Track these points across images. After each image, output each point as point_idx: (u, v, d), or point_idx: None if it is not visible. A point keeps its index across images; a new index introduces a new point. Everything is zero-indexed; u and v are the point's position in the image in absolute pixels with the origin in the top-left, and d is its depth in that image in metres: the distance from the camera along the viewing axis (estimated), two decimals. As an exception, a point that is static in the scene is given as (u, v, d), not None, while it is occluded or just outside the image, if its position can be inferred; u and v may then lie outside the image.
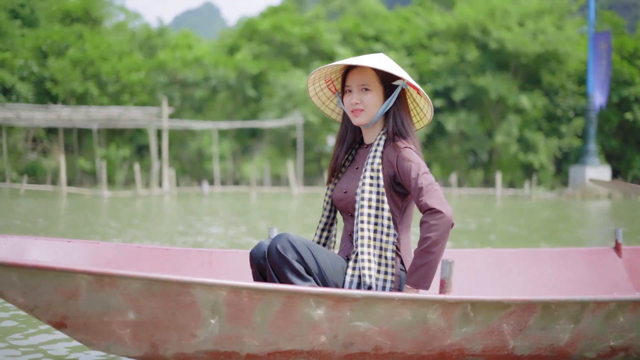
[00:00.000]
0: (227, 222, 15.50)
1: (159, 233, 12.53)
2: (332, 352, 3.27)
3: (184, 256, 4.35)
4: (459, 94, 45.44)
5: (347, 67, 3.83)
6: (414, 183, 3.56)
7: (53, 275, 2.92)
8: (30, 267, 2.87)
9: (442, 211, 3.46)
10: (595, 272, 5.06)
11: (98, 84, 43.56)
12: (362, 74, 3.74)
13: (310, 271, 3.51)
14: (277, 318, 3.13)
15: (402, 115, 3.75)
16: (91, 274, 2.93)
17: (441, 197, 3.52)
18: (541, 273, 4.96)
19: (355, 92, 3.74)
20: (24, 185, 33.44)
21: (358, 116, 3.74)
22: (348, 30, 48.33)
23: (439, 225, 3.45)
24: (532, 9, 46.02)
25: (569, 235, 13.32)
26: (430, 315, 3.27)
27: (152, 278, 2.97)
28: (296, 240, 3.53)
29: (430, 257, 3.44)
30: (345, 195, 3.80)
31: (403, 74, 3.69)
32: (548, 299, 3.41)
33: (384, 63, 3.67)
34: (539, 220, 17.80)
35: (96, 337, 3.15)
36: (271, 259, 3.51)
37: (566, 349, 3.60)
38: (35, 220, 15.44)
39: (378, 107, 3.74)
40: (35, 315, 3.08)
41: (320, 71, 3.84)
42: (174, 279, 2.97)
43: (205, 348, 3.18)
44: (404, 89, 3.78)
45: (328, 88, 4.01)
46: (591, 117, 40.09)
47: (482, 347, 3.44)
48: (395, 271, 3.60)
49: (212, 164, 43.10)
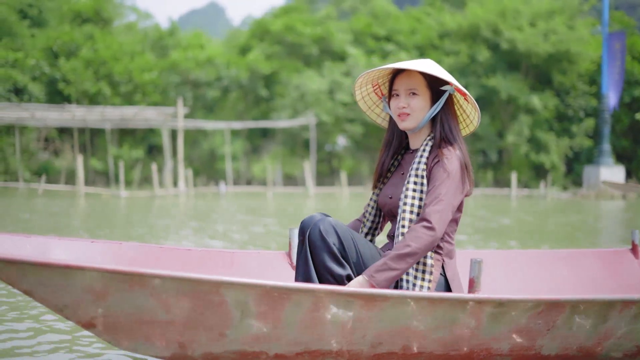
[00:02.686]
0: (280, 222, 15.45)
1: (217, 232, 12.51)
2: (360, 352, 3.27)
3: (205, 257, 4.35)
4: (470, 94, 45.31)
5: (395, 72, 3.82)
6: (432, 188, 3.58)
7: (83, 275, 2.92)
8: (62, 266, 2.88)
9: (435, 229, 3.48)
10: (611, 274, 5.02)
11: (110, 84, 43.62)
12: (410, 78, 3.74)
13: (348, 258, 3.53)
14: (306, 318, 3.13)
15: (449, 120, 3.75)
16: (122, 274, 2.93)
17: (445, 217, 3.53)
18: (557, 274, 4.94)
19: (403, 96, 3.74)
20: (42, 185, 33.52)
21: (405, 120, 3.74)
22: (359, 31, 48.26)
23: (426, 240, 3.47)
24: (543, 9, 45.85)
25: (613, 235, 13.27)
26: (460, 314, 3.27)
27: (182, 278, 2.97)
28: (339, 225, 3.55)
29: (403, 265, 3.45)
30: (391, 200, 3.80)
31: (452, 80, 3.69)
32: (577, 298, 3.40)
33: (432, 68, 3.68)
34: (576, 221, 17.65)
35: (125, 337, 3.15)
36: (311, 240, 3.53)
37: (593, 348, 3.60)
38: (65, 220, 15.47)
39: (425, 111, 3.73)
40: (64, 315, 3.08)
41: (367, 75, 3.84)
42: (205, 279, 2.98)
43: (233, 348, 3.18)
44: (451, 95, 3.78)
45: (374, 92, 4.01)
46: (605, 118, 39.91)
47: (509, 347, 3.43)
48: (434, 277, 3.59)
49: (224, 164, 43.12)
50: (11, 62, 41.34)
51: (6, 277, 2.95)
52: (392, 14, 50.61)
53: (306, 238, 3.56)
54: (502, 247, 10.31)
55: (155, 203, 25.16)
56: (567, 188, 43.79)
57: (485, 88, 44.95)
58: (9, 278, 2.95)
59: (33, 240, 3.77)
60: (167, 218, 16.66)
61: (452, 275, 3.69)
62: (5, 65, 40.91)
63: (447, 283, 3.66)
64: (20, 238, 3.71)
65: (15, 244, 3.68)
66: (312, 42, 46.52)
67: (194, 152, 45.15)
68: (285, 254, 4.45)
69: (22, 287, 2.98)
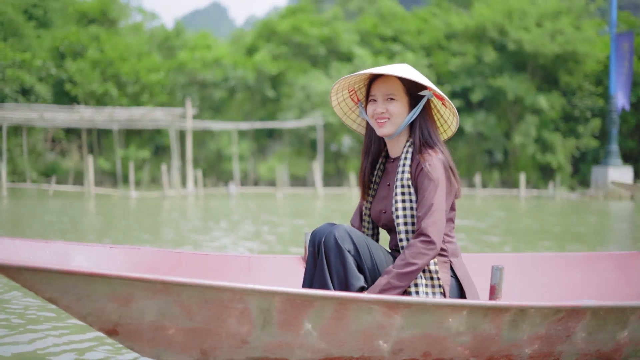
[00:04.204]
0: (310, 223, 15.42)
1: (249, 233, 12.54)
2: (382, 359, 3.27)
3: (222, 262, 4.35)
4: (476, 95, 45.36)
5: (372, 77, 3.78)
6: (422, 199, 3.55)
7: (108, 283, 2.93)
8: (86, 274, 2.89)
9: (435, 243, 3.47)
10: (623, 277, 5.02)
11: (117, 84, 43.71)
12: (387, 83, 3.70)
13: (363, 265, 3.53)
14: (328, 325, 3.13)
15: (428, 125, 3.70)
16: (145, 281, 2.94)
17: (441, 227, 3.52)
18: (569, 277, 4.93)
19: (381, 101, 3.70)
20: (53, 185, 33.57)
21: (383, 126, 3.70)
22: (366, 31, 48.32)
23: (427, 255, 3.47)
24: (549, 9, 45.86)
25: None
26: (480, 321, 3.27)
27: (205, 285, 2.97)
28: (354, 232, 3.54)
29: (406, 282, 3.46)
30: (385, 215, 3.77)
31: (430, 84, 3.64)
32: (597, 305, 3.40)
33: (410, 73, 3.63)
34: (598, 223, 17.62)
35: (147, 344, 3.16)
36: (327, 247, 3.52)
37: (612, 354, 3.60)
38: (87, 222, 15.51)
39: (403, 117, 3.69)
40: (87, 322, 3.09)
41: (344, 80, 3.79)
42: (228, 286, 2.98)
43: (255, 355, 3.18)
44: (429, 100, 3.74)
45: (350, 98, 3.96)
46: (613, 118, 39.80)
47: (529, 353, 3.43)
48: (444, 281, 3.58)
49: (231, 165, 43.17)
50: (18, 62, 41.39)
51: (30, 284, 2.95)
52: (398, 15, 50.65)
53: (321, 247, 3.55)
54: (535, 248, 10.30)
55: (169, 204, 25.19)
56: (574, 188, 43.74)
57: (492, 88, 44.97)
58: (33, 286, 2.95)
59: (52, 245, 3.78)
60: (193, 220, 16.65)
61: (462, 274, 3.68)
62: (13, 66, 40.96)
63: (458, 283, 3.65)
64: (39, 244, 3.73)
65: (34, 250, 3.69)
66: (319, 43, 46.57)
67: (201, 152, 45.23)
68: (301, 259, 4.45)
69: (46, 295, 2.98)
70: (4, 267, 2.85)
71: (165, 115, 38.26)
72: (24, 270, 2.88)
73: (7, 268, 2.86)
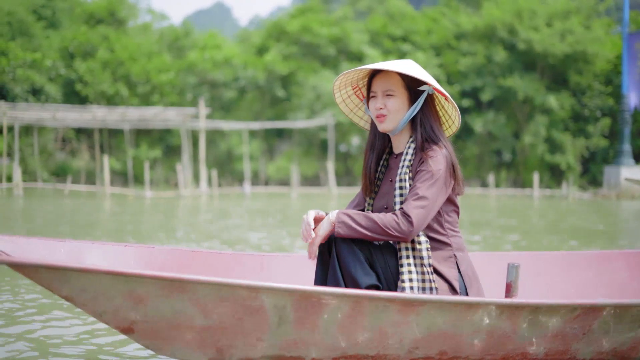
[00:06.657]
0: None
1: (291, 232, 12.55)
2: (397, 357, 3.27)
3: (236, 260, 4.37)
4: (486, 95, 45.25)
5: (373, 73, 3.77)
6: (414, 187, 3.54)
7: (124, 281, 2.94)
8: (103, 272, 2.89)
9: (413, 224, 3.44)
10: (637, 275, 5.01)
11: (128, 84, 43.76)
12: (386, 79, 3.69)
13: (375, 265, 3.51)
14: (344, 322, 3.13)
15: (430, 121, 3.68)
16: (161, 279, 2.94)
17: (425, 215, 3.49)
18: (582, 276, 4.92)
19: (380, 97, 3.69)
20: (69, 185, 33.62)
21: (382, 122, 3.69)
22: (376, 31, 48.23)
23: (400, 230, 3.45)
24: (559, 9, 45.73)
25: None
26: (496, 319, 3.26)
27: (221, 283, 2.98)
28: None
29: (369, 228, 3.45)
30: (387, 211, 3.72)
31: (429, 80, 3.63)
32: (614, 303, 3.39)
33: (409, 68, 3.62)
34: (620, 223, 17.58)
35: (163, 342, 3.17)
36: (338, 248, 3.50)
37: (628, 352, 3.59)
38: (112, 221, 15.55)
39: (403, 112, 3.68)
40: (103, 321, 3.10)
41: (345, 76, 3.80)
42: (244, 284, 2.98)
43: (271, 353, 3.19)
44: (431, 96, 3.72)
45: (355, 95, 3.96)
46: (626, 118, 39.62)
47: (545, 351, 3.43)
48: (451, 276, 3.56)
49: (241, 165, 43.19)
50: (29, 62, 41.46)
51: (47, 283, 2.97)
52: (408, 14, 50.53)
53: (332, 245, 3.54)
54: (563, 246, 10.30)
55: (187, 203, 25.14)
56: (584, 188, 43.64)
57: (502, 88, 44.89)
58: (50, 284, 2.97)
59: (67, 244, 3.80)
60: (222, 219, 16.60)
61: (466, 268, 3.65)
62: (24, 66, 41.04)
63: (461, 277, 3.62)
64: (54, 242, 3.75)
65: (50, 248, 3.71)
66: (329, 43, 46.50)
67: (211, 152, 45.23)
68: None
69: (63, 293, 2.99)
70: (21, 265, 2.86)
71: (177, 115, 38.26)
72: (41, 268, 2.89)
73: (25, 266, 2.88)
